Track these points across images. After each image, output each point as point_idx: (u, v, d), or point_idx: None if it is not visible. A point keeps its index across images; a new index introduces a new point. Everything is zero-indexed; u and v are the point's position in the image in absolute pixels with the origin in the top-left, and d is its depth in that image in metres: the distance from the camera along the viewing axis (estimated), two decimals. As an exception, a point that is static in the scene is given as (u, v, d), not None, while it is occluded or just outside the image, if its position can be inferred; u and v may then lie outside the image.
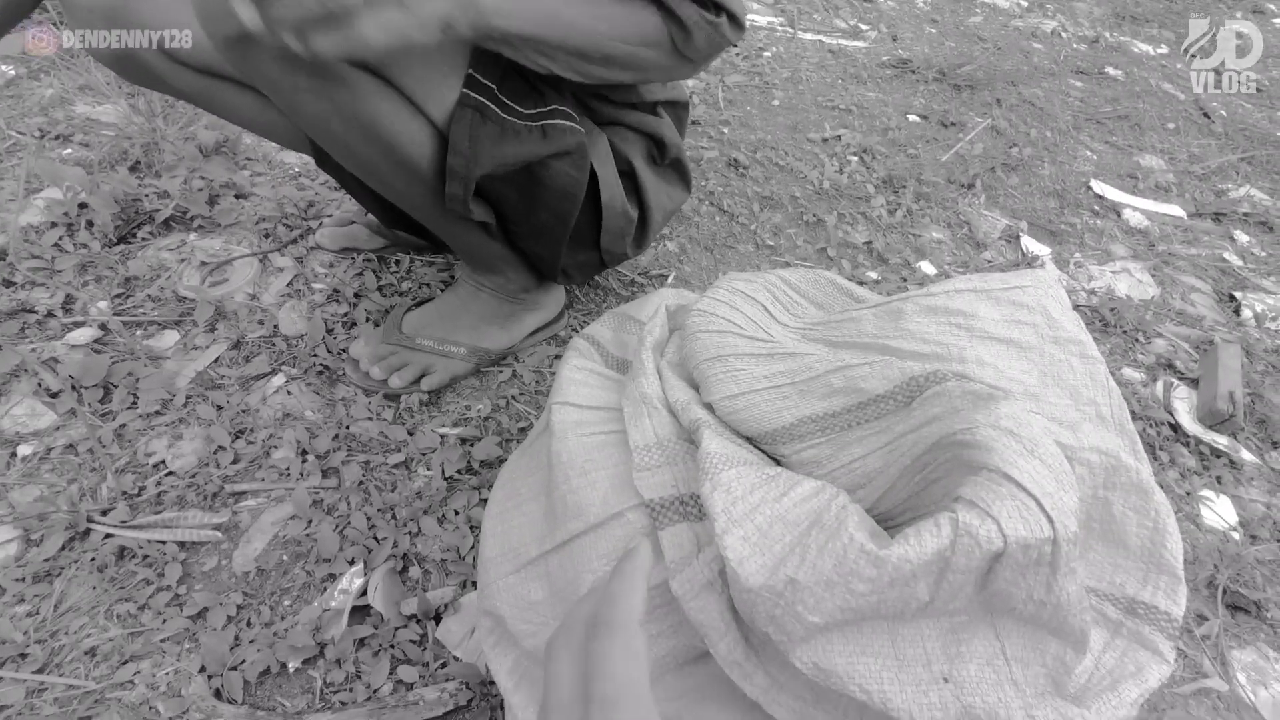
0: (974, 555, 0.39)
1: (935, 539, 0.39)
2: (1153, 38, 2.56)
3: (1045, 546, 0.39)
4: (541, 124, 0.70)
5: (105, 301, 0.96)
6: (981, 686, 0.40)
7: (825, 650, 0.41)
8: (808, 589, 0.39)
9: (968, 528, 0.38)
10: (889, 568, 0.38)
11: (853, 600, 0.39)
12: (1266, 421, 1.03)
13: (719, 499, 0.44)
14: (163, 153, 1.17)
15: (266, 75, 0.60)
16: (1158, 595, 0.46)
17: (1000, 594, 0.41)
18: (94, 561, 0.71)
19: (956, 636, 0.42)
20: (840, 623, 0.40)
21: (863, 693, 0.40)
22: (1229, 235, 1.49)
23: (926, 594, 0.40)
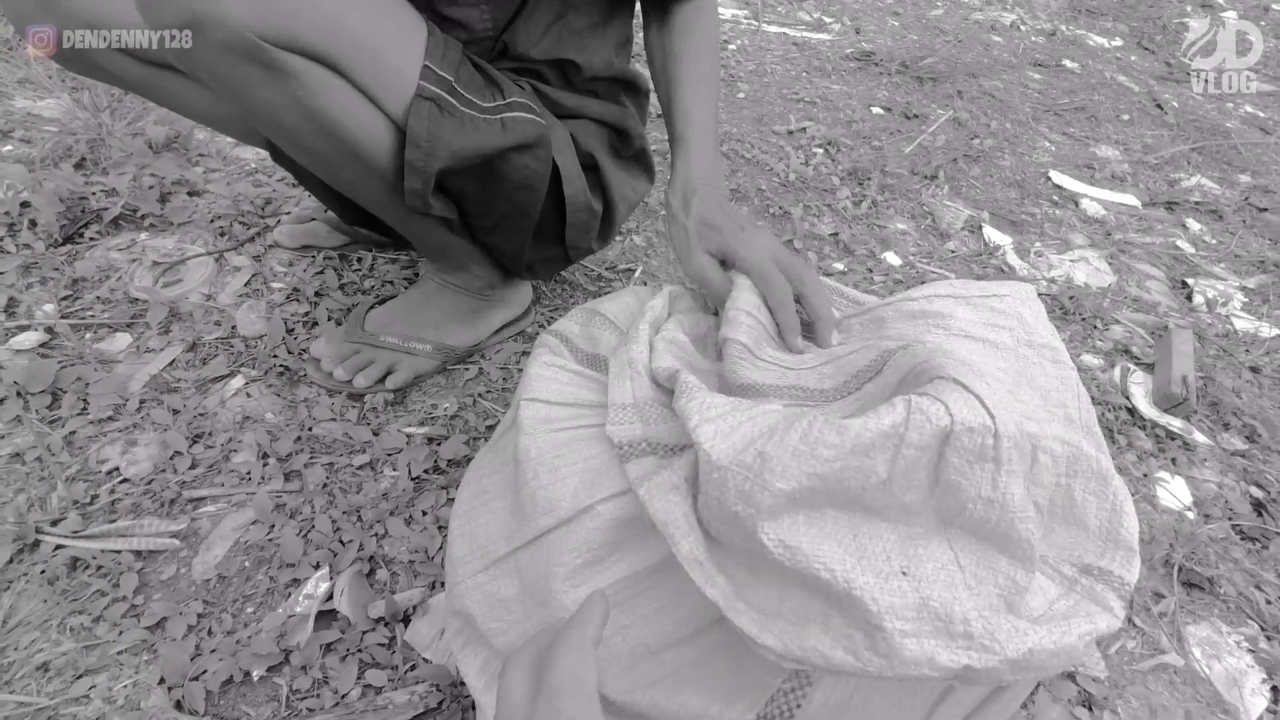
0: (925, 430, 0.42)
1: (890, 414, 0.42)
2: (1108, 30, 2.62)
3: (988, 438, 0.42)
4: (501, 116, 0.68)
5: (51, 304, 0.92)
6: (937, 585, 0.42)
7: (791, 529, 0.42)
8: (775, 458, 0.41)
9: (919, 406, 0.42)
10: (850, 434, 0.41)
11: (818, 466, 0.41)
12: (1218, 404, 1.06)
13: (694, 406, 0.46)
14: (110, 149, 1.13)
15: (213, 69, 0.58)
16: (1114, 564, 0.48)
17: (951, 488, 0.43)
18: (44, 574, 0.69)
19: (914, 544, 0.44)
20: (806, 502, 0.43)
21: (827, 571, 0.41)
22: (1181, 223, 1.53)
23: (884, 470, 0.42)
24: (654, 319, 0.61)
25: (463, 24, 0.69)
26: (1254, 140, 1.92)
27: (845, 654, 0.41)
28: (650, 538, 0.50)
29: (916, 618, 0.41)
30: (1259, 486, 0.96)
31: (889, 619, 0.40)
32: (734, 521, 0.43)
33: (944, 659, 0.40)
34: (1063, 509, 0.49)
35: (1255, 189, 1.69)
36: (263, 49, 0.55)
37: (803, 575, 0.42)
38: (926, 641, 0.40)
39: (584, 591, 0.49)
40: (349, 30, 0.59)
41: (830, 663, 0.41)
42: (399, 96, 0.64)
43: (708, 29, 0.77)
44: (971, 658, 0.40)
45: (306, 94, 0.59)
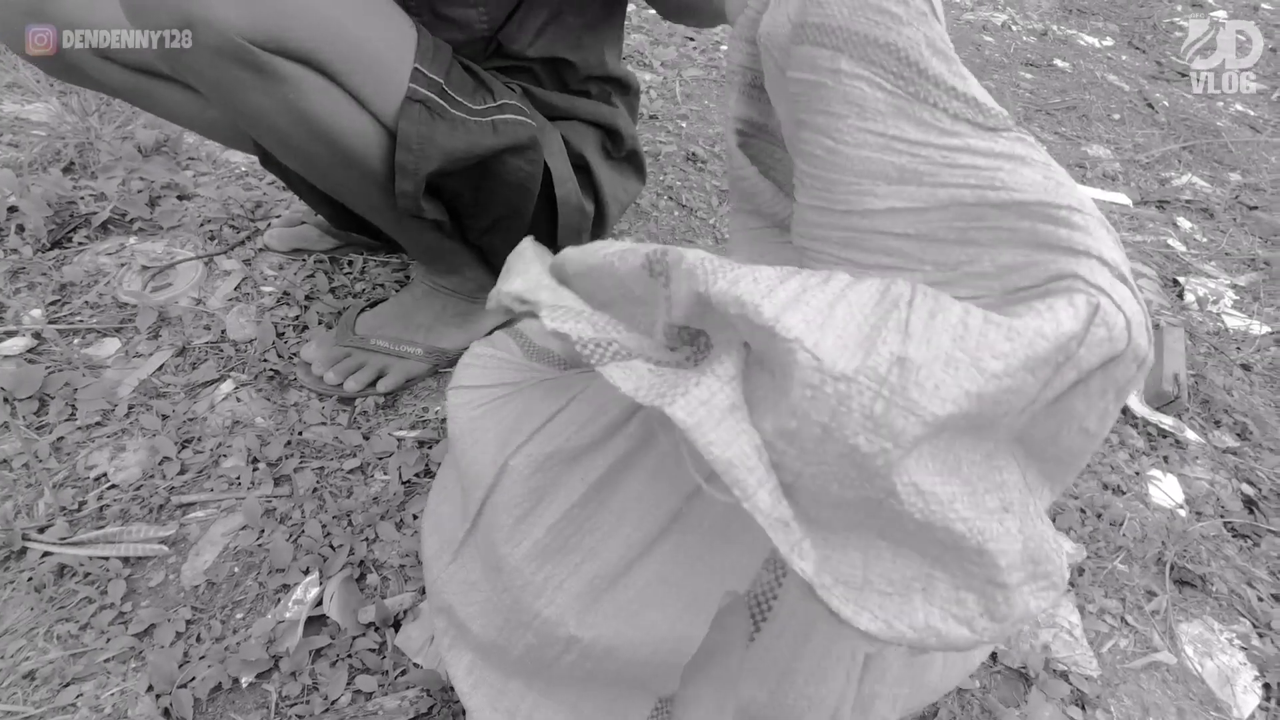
0: (1099, 351, 0.32)
1: (1071, 319, 0.32)
2: (1098, 30, 2.63)
3: (1134, 366, 0.34)
4: (492, 119, 0.68)
5: (39, 309, 0.91)
6: (1028, 517, 0.35)
7: (922, 469, 0.32)
8: (925, 368, 0.30)
9: (1105, 317, 0.32)
10: (1023, 342, 0.31)
11: (984, 383, 0.30)
12: (1209, 402, 1.06)
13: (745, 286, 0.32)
14: (98, 153, 1.12)
15: (203, 73, 0.57)
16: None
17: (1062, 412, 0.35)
18: (31, 581, 0.68)
19: (994, 464, 0.36)
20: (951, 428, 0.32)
21: (962, 521, 0.32)
22: (1172, 222, 1.54)
23: (1035, 389, 0.32)
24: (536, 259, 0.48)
25: (460, 24, 0.69)
26: (1244, 139, 1.93)
27: (958, 625, 0.33)
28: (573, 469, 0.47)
29: (1022, 564, 0.34)
30: (1250, 484, 0.96)
31: (1012, 574, 0.33)
32: (848, 460, 0.31)
33: (1034, 606, 0.34)
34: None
35: (1245, 187, 1.70)
36: (253, 53, 0.55)
37: (930, 531, 0.33)
38: (1030, 589, 0.34)
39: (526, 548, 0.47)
40: (339, 33, 0.58)
41: (946, 640, 0.33)
42: (389, 99, 0.63)
43: None
44: (1048, 599, 0.35)
45: (297, 97, 0.59)
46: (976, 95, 0.38)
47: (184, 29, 0.53)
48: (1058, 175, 0.37)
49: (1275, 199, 1.66)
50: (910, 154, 0.38)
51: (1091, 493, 0.89)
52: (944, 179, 0.38)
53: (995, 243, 0.37)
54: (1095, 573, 0.81)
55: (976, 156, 0.37)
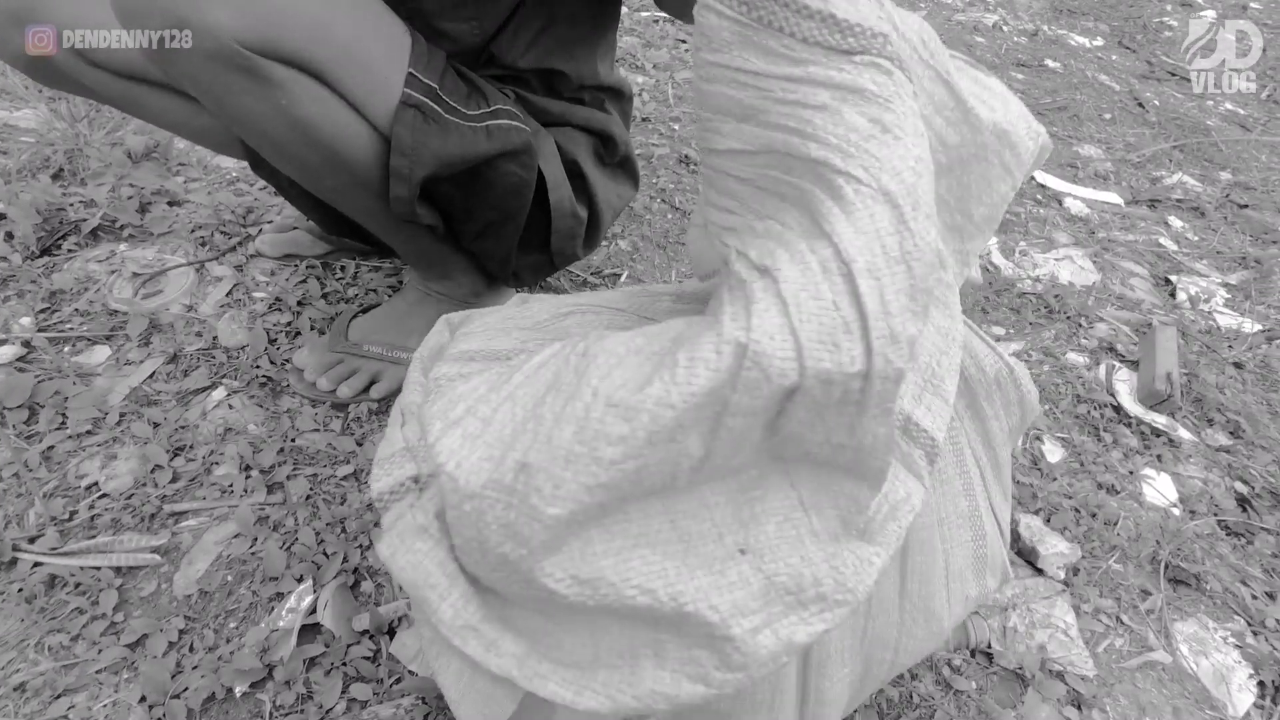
0: (759, 393, 0.30)
1: (709, 371, 0.29)
2: (1089, 30, 2.64)
3: (854, 384, 0.30)
4: (486, 124, 0.68)
5: (28, 317, 0.91)
6: (781, 548, 0.34)
7: (584, 553, 0.32)
8: (542, 471, 0.30)
9: (758, 356, 0.29)
10: (644, 420, 0.29)
11: (602, 474, 0.30)
12: (1202, 400, 1.06)
13: (436, 408, 0.34)
14: (88, 159, 1.12)
15: (197, 78, 0.57)
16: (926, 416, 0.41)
17: (792, 438, 0.33)
18: (21, 592, 0.67)
19: (748, 496, 0.35)
20: (595, 513, 0.32)
21: (644, 594, 0.32)
22: (1164, 221, 1.54)
23: (700, 448, 0.31)
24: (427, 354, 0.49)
25: (453, 36, 0.69)
26: (1234, 137, 1.94)
27: (693, 683, 0.33)
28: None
29: (764, 605, 0.33)
30: (1243, 482, 0.96)
31: (735, 623, 0.32)
32: (505, 566, 0.32)
33: (801, 635, 0.33)
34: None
35: (1236, 185, 1.71)
36: (247, 57, 0.54)
37: (614, 613, 0.33)
38: (780, 625, 0.33)
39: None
40: (334, 38, 0.58)
41: (677, 701, 0.33)
42: (384, 104, 0.63)
43: None
44: (827, 619, 0.34)
45: (291, 102, 0.59)
46: (835, 11, 0.33)
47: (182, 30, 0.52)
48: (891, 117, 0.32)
49: (1265, 197, 1.67)
50: (754, 87, 0.34)
51: (1086, 492, 0.90)
52: (774, 118, 0.34)
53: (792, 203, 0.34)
54: (1090, 572, 0.81)
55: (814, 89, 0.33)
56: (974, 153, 0.42)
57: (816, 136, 0.32)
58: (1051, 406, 1.02)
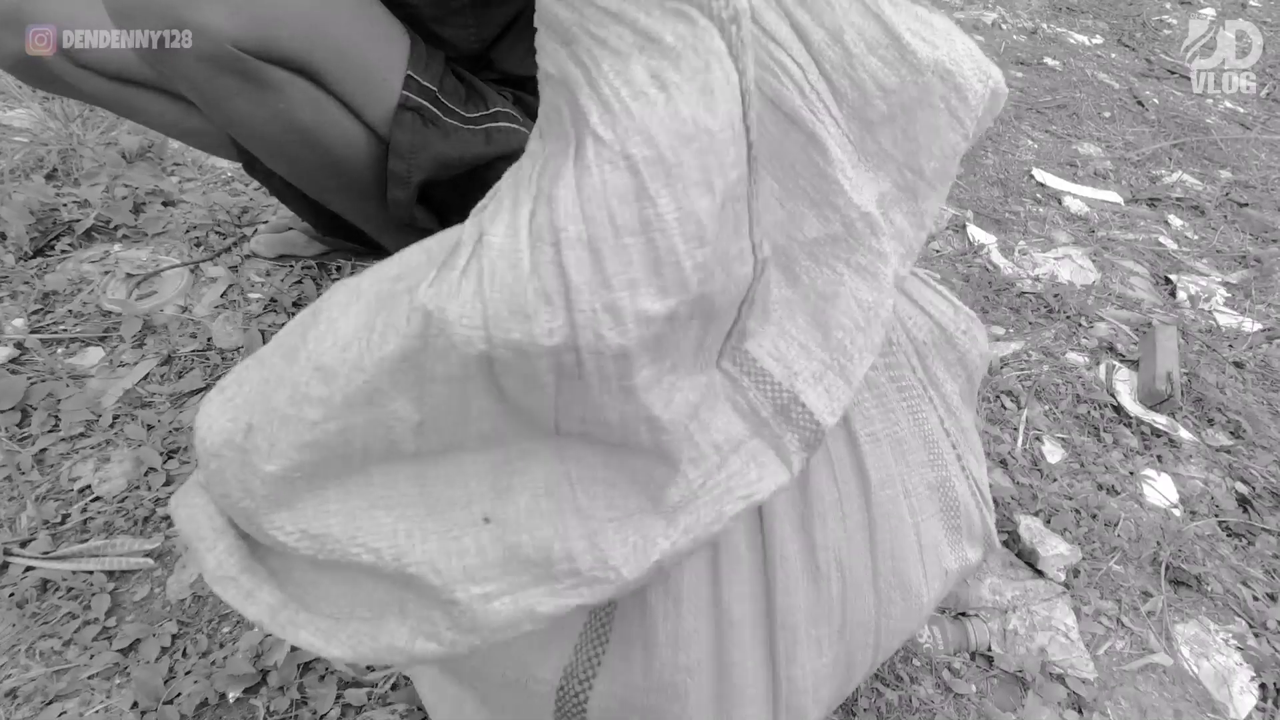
0: (451, 359, 0.29)
1: (397, 336, 0.29)
2: (1088, 28, 2.64)
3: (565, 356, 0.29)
4: (485, 127, 0.67)
5: (21, 319, 0.90)
6: (533, 519, 0.34)
7: (317, 511, 0.33)
8: (261, 430, 0.31)
9: (441, 324, 0.28)
10: (340, 382, 0.30)
11: (307, 434, 0.31)
12: (1203, 400, 1.06)
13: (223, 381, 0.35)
14: (82, 159, 1.11)
15: (192, 81, 0.56)
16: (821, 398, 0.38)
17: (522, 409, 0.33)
18: (13, 597, 0.67)
19: (510, 468, 0.35)
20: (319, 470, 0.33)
21: (369, 553, 0.33)
22: (1163, 220, 1.54)
23: (413, 412, 0.31)
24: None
25: (452, 42, 0.68)
26: (1234, 136, 1.93)
27: (427, 641, 0.34)
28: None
29: (503, 573, 0.34)
30: (1244, 482, 0.96)
31: (461, 588, 0.33)
32: (245, 519, 0.34)
33: (547, 607, 0.33)
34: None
35: (1235, 184, 1.70)
36: (244, 60, 0.54)
37: (344, 570, 0.35)
38: (523, 595, 0.33)
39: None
40: (332, 41, 0.58)
41: (413, 656, 0.34)
42: (382, 107, 0.62)
43: None
44: (583, 594, 0.33)
45: (287, 105, 0.58)
46: None
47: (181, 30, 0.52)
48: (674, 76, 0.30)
49: (1265, 196, 1.67)
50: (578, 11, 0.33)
51: (1086, 493, 0.89)
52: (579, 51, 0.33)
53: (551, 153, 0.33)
54: (1091, 574, 0.81)
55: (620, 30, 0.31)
56: (917, 97, 0.40)
57: (593, 83, 0.30)
58: (1051, 406, 1.02)
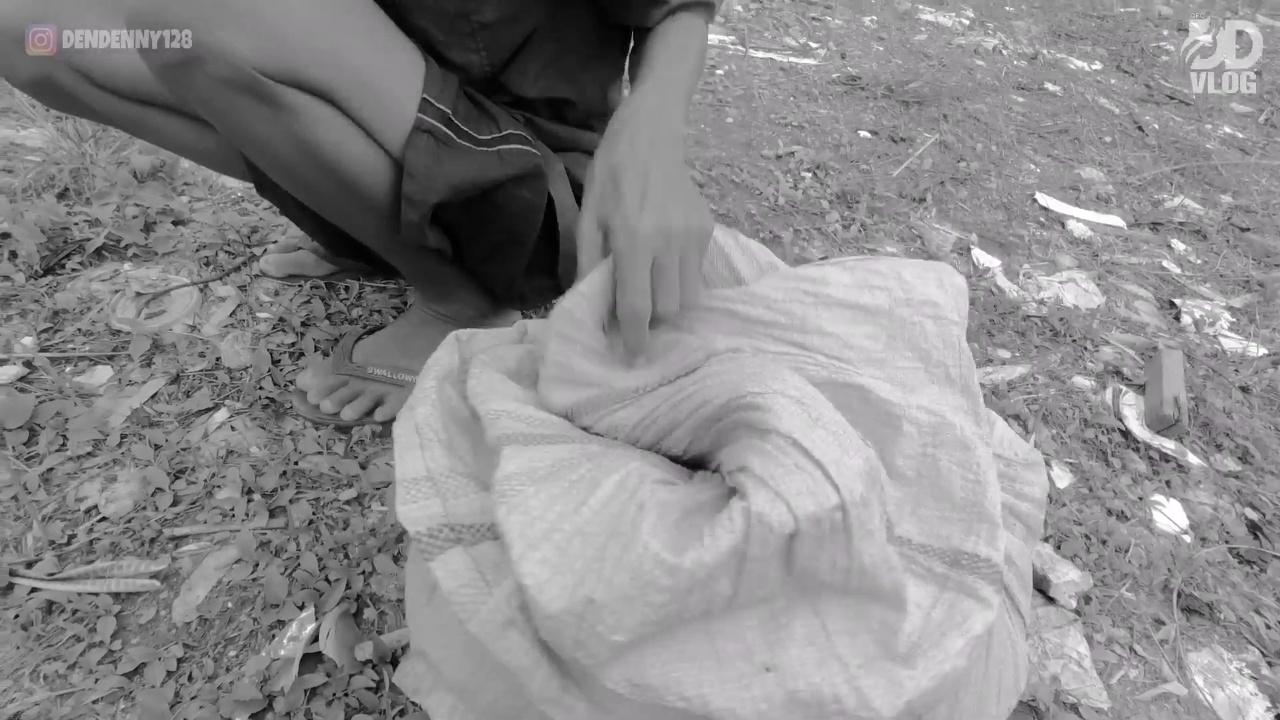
0: (769, 543, 0.39)
1: (729, 535, 0.38)
2: (1087, 54, 2.67)
3: (836, 514, 0.40)
4: (498, 149, 0.68)
5: (30, 337, 0.90)
6: (805, 668, 0.40)
7: (639, 665, 0.40)
8: (606, 607, 0.38)
9: (760, 516, 0.38)
10: (684, 575, 0.38)
11: (651, 613, 0.38)
12: (1210, 425, 1.06)
13: (515, 521, 0.41)
14: (93, 179, 1.12)
15: (210, 103, 0.57)
16: (979, 544, 0.47)
17: (806, 571, 0.41)
18: (17, 619, 0.66)
19: (776, 622, 0.42)
20: (649, 635, 0.40)
21: (682, 700, 0.39)
22: (1166, 244, 1.55)
23: (729, 588, 0.40)
24: (441, 373, 0.54)
25: (463, 67, 0.69)
26: (1234, 161, 1.95)
27: None
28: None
29: (786, 715, 0.39)
30: (1254, 508, 0.96)
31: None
32: (576, 666, 0.41)
33: None
34: (929, 479, 0.49)
35: (1237, 209, 1.71)
36: (262, 83, 0.54)
37: (656, 713, 0.40)
38: None
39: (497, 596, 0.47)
40: (348, 64, 0.58)
41: None
42: (397, 129, 0.63)
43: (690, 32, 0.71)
44: None
45: (303, 127, 0.58)
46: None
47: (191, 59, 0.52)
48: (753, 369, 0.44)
49: (1267, 221, 1.68)
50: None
51: (1096, 519, 0.89)
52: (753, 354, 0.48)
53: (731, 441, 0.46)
54: (1102, 601, 0.80)
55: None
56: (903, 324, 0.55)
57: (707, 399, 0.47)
58: (1059, 430, 1.02)
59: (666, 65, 0.65)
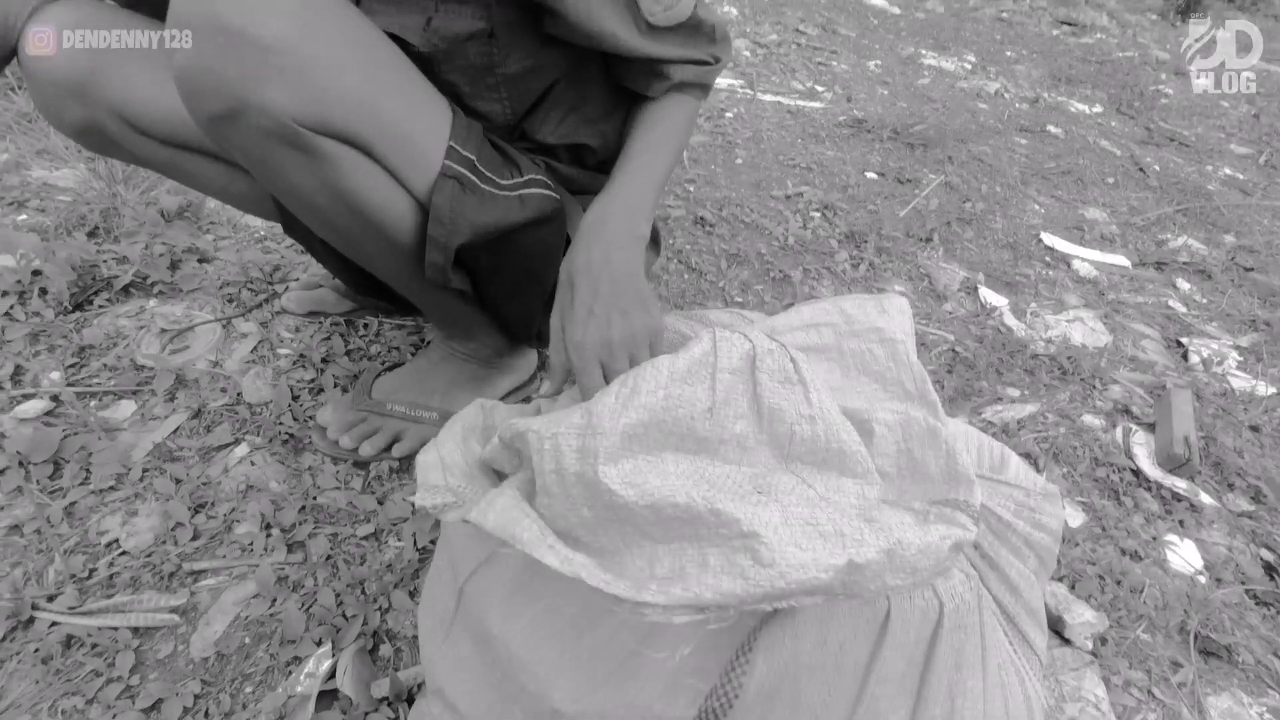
0: (732, 354, 0.47)
1: (699, 346, 0.48)
2: (1087, 98, 2.72)
3: (786, 361, 0.48)
4: (519, 193, 0.70)
5: (58, 372, 0.92)
6: (794, 501, 0.45)
7: (634, 469, 0.44)
8: (601, 411, 0.45)
9: (722, 335, 0.49)
10: (664, 367, 0.47)
11: (643, 399, 0.45)
12: (1221, 464, 1.06)
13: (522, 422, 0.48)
14: (122, 218, 1.15)
15: (250, 151, 0.59)
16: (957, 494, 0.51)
17: (774, 413, 0.48)
18: (38, 653, 0.67)
19: (762, 480, 0.47)
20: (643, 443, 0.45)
21: (684, 495, 0.43)
22: (1171, 283, 1.56)
23: (706, 397, 0.47)
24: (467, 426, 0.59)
25: (487, 115, 0.72)
26: (1235, 201, 1.98)
27: (733, 579, 0.41)
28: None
29: (785, 524, 0.43)
30: (1269, 549, 0.95)
31: (760, 526, 0.42)
32: (576, 483, 0.44)
33: (826, 557, 0.41)
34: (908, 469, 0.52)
35: (1240, 249, 1.73)
36: (301, 135, 0.57)
37: (659, 511, 0.43)
38: (805, 544, 0.42)
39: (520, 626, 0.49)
40: (381, 114, 0.61)
41: (720, 591, 0.41)
42: (424, 175, 0.65)
43: (680, 111, 0.77)
44: (851, 552, 0.42)
45: (337, 175, 0.61)
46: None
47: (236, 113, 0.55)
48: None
49: (1270, 260, 1.69)
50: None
51: (1109, 559, 0.88)
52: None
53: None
54: (1119, 642, 0.80)
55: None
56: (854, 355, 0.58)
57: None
58: (1070, 469, 1.02)
59: (643, 154, 0.73)
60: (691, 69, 0.74)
